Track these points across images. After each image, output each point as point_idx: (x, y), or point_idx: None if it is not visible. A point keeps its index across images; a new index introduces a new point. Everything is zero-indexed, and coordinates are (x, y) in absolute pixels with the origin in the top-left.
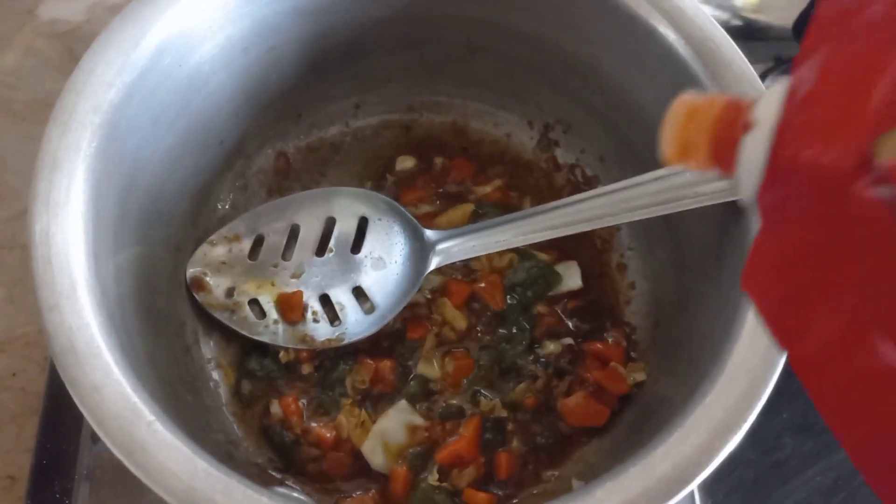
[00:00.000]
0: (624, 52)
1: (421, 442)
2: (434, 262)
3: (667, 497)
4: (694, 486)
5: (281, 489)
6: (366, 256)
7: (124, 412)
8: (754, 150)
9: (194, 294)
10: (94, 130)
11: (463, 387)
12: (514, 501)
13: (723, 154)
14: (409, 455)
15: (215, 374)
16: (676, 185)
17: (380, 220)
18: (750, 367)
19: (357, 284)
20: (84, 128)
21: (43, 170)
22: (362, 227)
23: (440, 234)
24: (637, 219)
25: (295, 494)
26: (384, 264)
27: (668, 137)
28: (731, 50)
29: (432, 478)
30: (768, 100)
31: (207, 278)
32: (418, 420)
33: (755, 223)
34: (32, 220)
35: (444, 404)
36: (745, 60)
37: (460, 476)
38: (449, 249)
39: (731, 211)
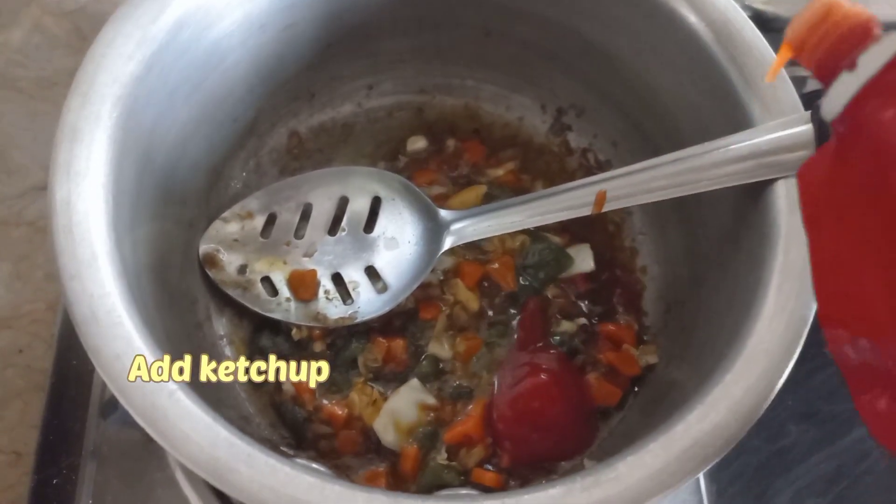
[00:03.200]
0: (641, 36)
1: (431, 421)
2: (448, 242)
3: (686, 474)
4: (713, 463)
5: (300, 461)
6: (379, 236)
7: (146, 382)
8: (844, 90)
9: (207, 271)
10: (115, 102)
11: (472, 366)
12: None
13: (825, 75)
14: (419, 434)
15: (227, 351)
16: (695, 167)
17: (393, 199)
18: (769, 349)
19: (370, 264)
20: (104, 99)
21: (63, 140)
22: (375, 206)
23: (454, 214)
24: (653, 200)
25: (314, 465)
26: (397, 244)
27: (794, 30)
28: (753, 34)
29: (441, 457)
30: (877, 50)
31: (220, 255)
32: (429, 399)
33: (775, 207)
34: (53, 189)
35: (454, 384)
36: (767, 45)
37: (468, 455)
38: (463, 230)
39: (749, 196)
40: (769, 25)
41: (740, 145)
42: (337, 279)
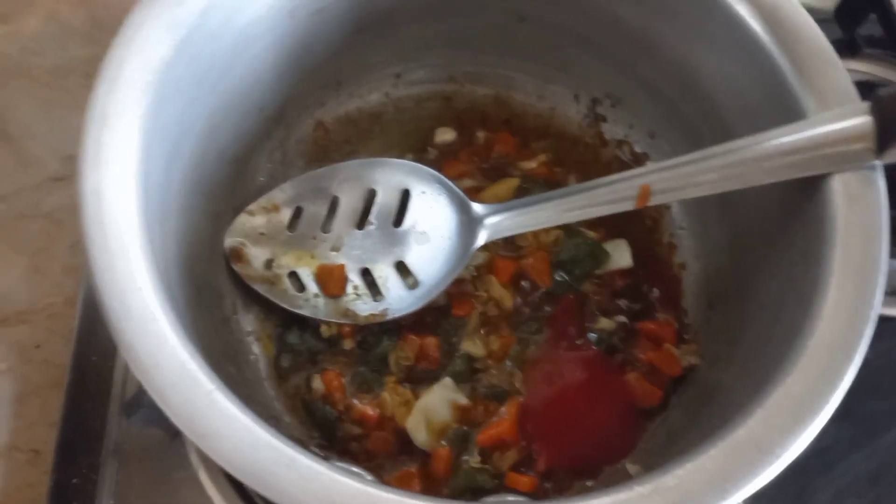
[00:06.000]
0: (684, 18)
1: (463, 421)
2: (482, 237)
3: (749, 479)
4: (778, 471)
5: (339, 464)
6: (409, 230)
7: (182, 381)
8: None
9: (233, 265)
10: (145, 88)
11: (506, 366)
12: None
13: None
14: (451, 434)
15: (255, 348)
16: (746, 160)
17: (424, 192)
18: (831, 348)
19: (400, 259)
20: (133, 85)
21: (92, 127)
22: (404, 200)
23: (489, 207)
24: (701, 195)
25: (354, 469)
26: (428, 238)
27: None
28: (805, 20)
29: (474, 460)
30: None
31: (246, 249)
32: (462, 399)
33: (831, 202)
34: (82, 178)
35: (488, 384)
36: (819, 31)
37: (502, 459)
38: (498, 224)
39: (802, 189)
40: None
41: (794, 137)
42: (366, 274)
